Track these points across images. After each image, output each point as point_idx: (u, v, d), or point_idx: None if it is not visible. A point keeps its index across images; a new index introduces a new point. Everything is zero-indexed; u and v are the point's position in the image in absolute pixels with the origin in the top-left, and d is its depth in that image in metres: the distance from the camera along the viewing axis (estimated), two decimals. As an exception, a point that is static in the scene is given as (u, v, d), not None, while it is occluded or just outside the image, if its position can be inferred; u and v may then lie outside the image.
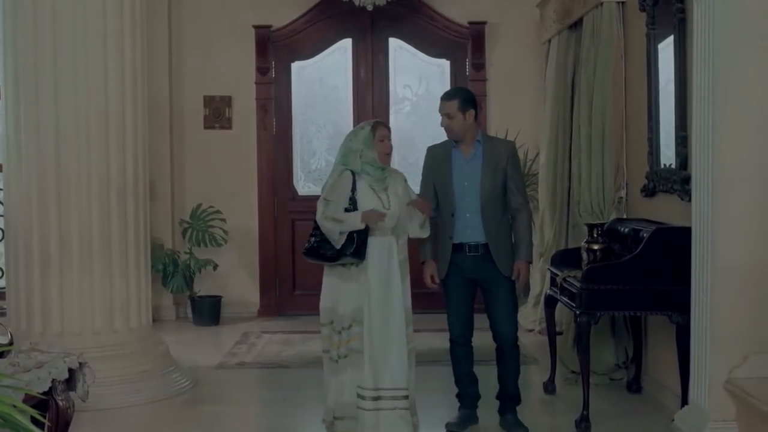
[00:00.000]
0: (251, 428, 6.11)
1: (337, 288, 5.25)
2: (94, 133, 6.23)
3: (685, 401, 5.38)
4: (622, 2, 6.88)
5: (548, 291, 6.59)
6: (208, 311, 9.21)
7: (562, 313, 7.15)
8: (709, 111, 5.00)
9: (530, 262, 5.61)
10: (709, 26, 5.00)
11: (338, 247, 5.14)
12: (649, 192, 6.38)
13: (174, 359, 6.86)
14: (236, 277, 9.61)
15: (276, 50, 9.60)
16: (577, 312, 5.65)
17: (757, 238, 4.97)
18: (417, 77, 9.77)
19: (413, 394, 5.27)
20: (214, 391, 6.70)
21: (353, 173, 5.25)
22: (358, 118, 9.55)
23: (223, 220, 9.36)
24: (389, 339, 5.18)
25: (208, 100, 9.57)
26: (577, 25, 7.64)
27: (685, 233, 5.29)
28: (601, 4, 6.88)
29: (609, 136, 6.84)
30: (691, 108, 5.31)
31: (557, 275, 6.20)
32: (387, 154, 5.32)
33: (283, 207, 9.68)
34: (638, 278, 5.55)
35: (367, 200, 5.21)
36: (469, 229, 5.49)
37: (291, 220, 9.65)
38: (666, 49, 6.12)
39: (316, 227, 5.25)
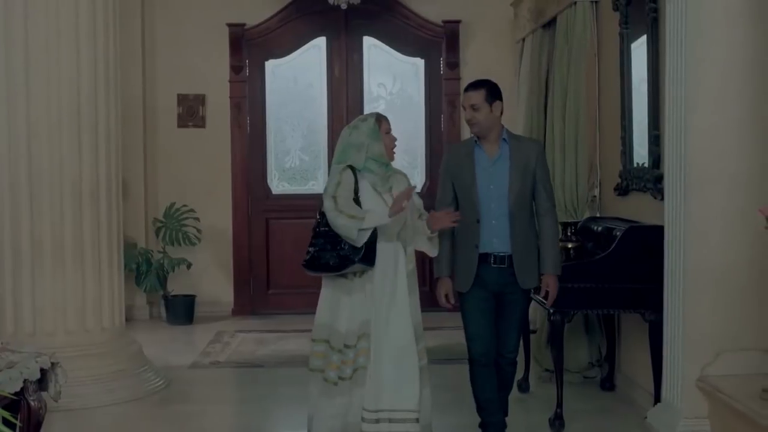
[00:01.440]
0: (225, 427, 6.07)
1: (337, 303, 4.76)
2: (67, 131, 6.19)
3: (657, 399, 5.41)
4: (596, 2, 6.89)
5: (522, 289, 6.61)
6: (182, 310, 9.17)
7: (536, 311, 7.17)
8: (682, 110, 5.03)
9: (559, 276, 5.13)
10: (681, 26, 5.03)
11: (359, 244, 4.62)
12: (622, 190, 6.40)
13: (147, 359, 6.83)
14: (210, 276, 9.58)
15: (250, 48, 9.58)
16: (551, 310, 5.65)
17: (728, 237, 5.00)
18: (391, 76, 9.77)
19: (429, 416, 4.85)
20: (187, 390, 6.69)
21: (354, 171, 4.79)
22: (332, 117, 9.56)
23: (197, 219, 9.34)
24: (395, 355, 4.69)
25: (182, 99, 9.53)
26: (550, 24, 7.66)
27: (658, 232, 5.32)
28: (575, 3, 6.90)
29: (582, 135, 6.86)
30: (664, 107, 5.33)
31: (531, 274, 6.22)
32: (392, 149, 4.90)
33: (257, 206, 9.65)
34: (611, 276, 5.57)
35: (370, 202, 4.75)
36: (496, 237, 4.97)
37: (265, 219, 9.64)
38: (639, 48, 6.15)
39: (316, 236, 4.76)
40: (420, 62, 9.75)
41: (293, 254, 9.49)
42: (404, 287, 4.78)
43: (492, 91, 5.01)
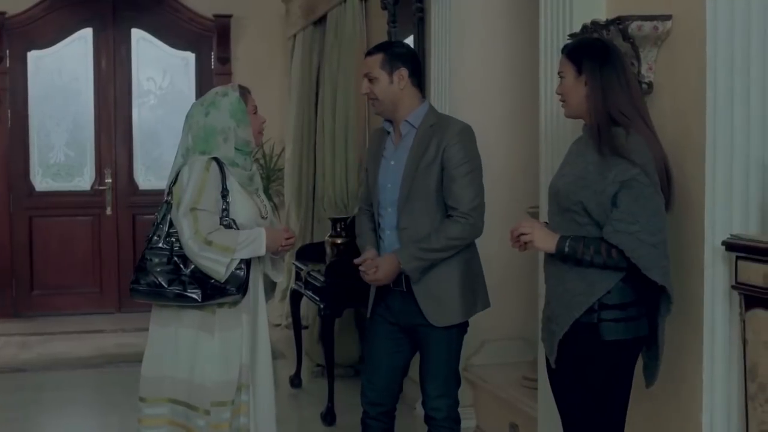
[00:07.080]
0: (-16, 436, 5.82)
1: (192, 345, 3.55)
2: None
3: (425, 390, 5.54)
4: (365, 0, 7.00)
5: (293, 285, 6.62)
6: (-63, 314, 8.71)
7: (307, 307, 7.20)
8: (446, 109, 5.17)
9: (402, 270, 3.71)
10: (446, 26, 5.18)
11: (223, 281, 3.47)
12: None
13: None
14: (-32, 277, 9.12)
15: (11, 38, 9.14)
16: (321, 306, 5.70)
17: (493, 231, 5.12)
18: (161, 70, 9.57)
19: None
20: (-58, 399, 6.35)
21: (220, 165, 3.60)
22: (99, 112, 9.28)
23: (-47, 217, 8.87)
24: (261, 407, 3.68)
25: (-65, 90, 9.04)
26: (321, 21, 7.71)
27: (425, 226, 5.43)
28: (344, 1, 6.97)
29: (352, 132, 6.93)
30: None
31: (302, 269, 6.25)
32: (260, 132, 3.83)
33: (19, 203, 9.23)
34: (381, 271, 5.62)
35: (242, 206, 3.61)
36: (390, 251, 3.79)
37: (28, 216, 9.23)
38: (406, 47, 6.27)
39: (154, 249, 3.56)
40: (191, 56, 9.60)
41: (60, 253, 9.20)
42: (265, 320, 3.76)
43: (393, 55, 3.80)
